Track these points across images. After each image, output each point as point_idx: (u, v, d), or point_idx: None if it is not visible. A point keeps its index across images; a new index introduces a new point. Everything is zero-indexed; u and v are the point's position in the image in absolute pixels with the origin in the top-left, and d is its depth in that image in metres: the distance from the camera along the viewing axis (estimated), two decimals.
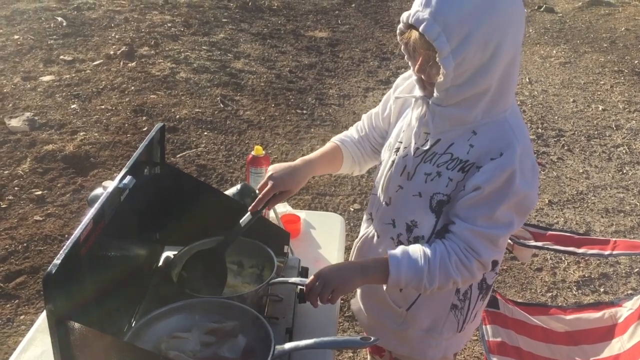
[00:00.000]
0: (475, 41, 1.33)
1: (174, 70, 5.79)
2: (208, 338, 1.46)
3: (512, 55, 1.40)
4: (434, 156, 1.52)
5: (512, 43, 1.38)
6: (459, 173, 1.48)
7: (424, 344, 1.73)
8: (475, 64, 1.37)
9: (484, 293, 1.71)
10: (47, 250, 3.39)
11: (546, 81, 6.36)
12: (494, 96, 1.43)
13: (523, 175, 1.42)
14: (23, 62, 5.73)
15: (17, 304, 3.05)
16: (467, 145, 1.47)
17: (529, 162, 1.45)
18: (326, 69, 6.29)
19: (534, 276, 3.46)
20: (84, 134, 4.57)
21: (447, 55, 1.34)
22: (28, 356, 1.57)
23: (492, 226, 1.45)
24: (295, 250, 1.98)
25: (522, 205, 1.46)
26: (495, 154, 1.42)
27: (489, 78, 1.39)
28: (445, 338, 1.72)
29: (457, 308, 1.67)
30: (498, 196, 1.42)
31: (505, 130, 1.45)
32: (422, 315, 1.68)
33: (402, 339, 1.75)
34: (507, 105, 1.47)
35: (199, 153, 4.51)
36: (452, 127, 1.49)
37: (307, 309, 1.74)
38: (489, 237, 1.45)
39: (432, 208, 1.53)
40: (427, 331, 1.70)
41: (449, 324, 1.69)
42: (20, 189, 3.92)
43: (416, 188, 1.55)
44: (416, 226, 1.58)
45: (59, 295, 1.11)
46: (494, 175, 1.41)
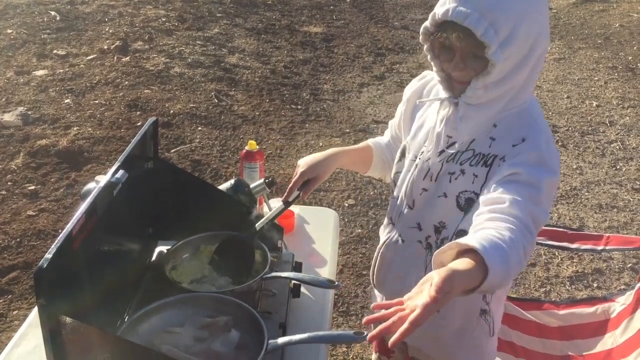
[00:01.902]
0: (521, 34, 1.33)
1: (168, 65, 5.77)
2: (201, 333, 1.45)
3: (544, 47, 1.40)
4: (456, 155, 1.50)
5: (546, 35, 1.39)
6: (483, 168, 1.44)
7: (456, 347, 1.67)
8: (517, 59, 1.36)
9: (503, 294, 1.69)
10: (41, 246, 3.38)
11: (540, 77, 6.36)
12: (519, 90, 1.42)
13: (552, 158, 1.38)
14: (16, 57, 5.70)
15: (10, 299, 3.04)
16: (488, 139, 1.45)
17: (553, 149, 1.41)
18: (321, 64, 6.28)
19: (527, 271, 3.47)
20: (77, 129, 4.55)
21: (496, 50, 1.32)
22: (20, 351, 1.57)
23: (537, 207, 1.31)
24: (289, 245, 1.98)
25: (553, 191, 1.41)
26: (517, 140, 1.39)
27: (523, 72, 1.39)
28: (478, 343, 1.66)
29: (486, 313, 1.61)
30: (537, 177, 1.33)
31: (526, 119, 1.43)
32: (454, 315, 1.61)
33: (435, 340, 1.68)
34: (527, 96, 1.46)
35: (193, 148, 4.50)
36: (476, 124, 1.46)
37: (301, 304, 1.74)
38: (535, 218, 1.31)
39: (460, 207, 1.49)
40: (458, 333, 1.64)
41: (480, 327, 1.62)
42: (13, 183, 3.90)
43: (441, 189, 1.52)
44: (445, 227, 1.55)
45: (50, 289, 1.10)
46: (524, 159, 1.36)
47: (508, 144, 1.41)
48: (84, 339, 1.18)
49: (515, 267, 1.23)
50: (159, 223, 1.82)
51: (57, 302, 1.12)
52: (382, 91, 5.73)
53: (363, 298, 3.20)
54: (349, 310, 3.14)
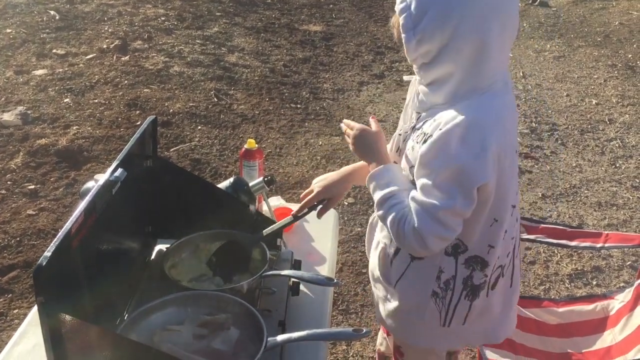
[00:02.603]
0: (433, 18, 1.41)
1: (168, 64, 5.77)
2: (200, 331, 1.46)
3: (478, 42, 1.40)
4: (414, 132, 1.59)
5: (475, 28, 1.39)
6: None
7: (406, 327, 1.74)
8: (436, 43, 1.43)
9: (469, 292, 1.64)
10: (41, 245, 3.38)
11: (540, 75, 6.36)
12: (462, 80, 1.45)
13: (464, 143, 1.40)
14: (15, 56, 5.70)
15: (10, 298, 3.04)
16: (432, 120, 1.50)
17: (477, 137, 1.41)
18: (320, 63, 6.28)
19: (526, 269, 3.47)
20: (77, 128, 4.55)
21: (409, 30, 1.45)
22: (20, 349, 1.57)
23: (431, 196, 1.44)
24: (288, 243, 1.98)
25: (462, 178, 1.42)
26: (444, 124, 1.43)
27: (452, 60, 1.44)
28: (429, 328, 1.69)
29: (438, 296, 1.64)
30: (436, 162, 1.43)
31: (465, 106, 1.45)
32: (407, 293, 1.67)
33: (393, 319, 1.75)
34: (481, 88, 1.47)
35: (193, 147, 4.50)
36: (431, 106, 1.55)
37: (300, 302, 1.75)
38: (427, 207, 1.44)
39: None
40: (409, 313, 1.69)
41: (431, 311, 1.65)
42: (13, 183, 3.91)
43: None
44: None
45: (49, 287, 1.11)
46: (434, 141, 1.43)
47: (438, 126, 1.45)
48: (84, 336, 1.19)
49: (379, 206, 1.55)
50: (158, 221, 1.83)
51: (56, 300, 1.13)
52: (381, 90, 5.73)
53: (363, 296, 3.21)
54: (348, 308, 3.14)
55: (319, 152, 4.58)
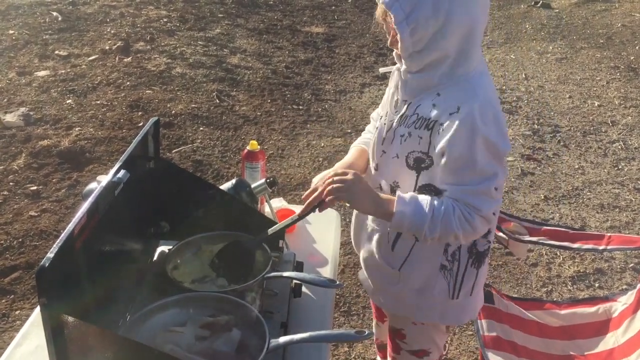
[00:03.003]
0: (425, 6, 1.47)
1: (170, 65, 5.77)
2: (203, 332, 1.46)
3: (468, 24, 1.51)
4: (405, 119, 1.63)
5: (466, 11, 1.50)
6: (425, 130, 1.57)
7: (414, 304, 1.78)
8: (430, 30, 1.49)
9: (475, 259, 1.73)
10: (43, 246, 3.38)
11: (542, 77, 6.36)
12: (454, 62, 1.54)
13: (486, 124, 1.50)
14: (18, 57, 5.71)
15: (12, 299, 3.05)
16: (431, 105, 1.57)
17: (490, 112, 1.53)
18: (322, 64, 6.28)
19: (529, 271, 3.47)
20: (79, 129, 4.55)
21: (401, 21, 1.48)
22: (23, 350, 1.57)
23: (481, 180, 1.52)
24: (290, 244, 1.98)
25: (496, 154, 1.53)
26: (453, 108, 1.52)
27: (446, 44, 1.51)
28: (439, 302, 1.75)
29: (446, 269, 1.71)
30: (469, 151, 1.50)
31: (464, 88, 1.55)
32: (414, 274, 1.73)
33: (398, 299, 1.81)
34: (470, 69, 1.57)
35: (195, 148, 4.51)
36: (420, 92, 1.60)
37: (302, 304, 1.75)
38: (483, 191, 1.53)
39: (409, 166, 1.63)
40: (419, 291, 1.75)
41: (440, 285, 1.73)
42: (15, 184, 3.91)
43: (394, 150, 1.66)
44: (398, 186, 1.68)
45: (52, 288, 1.11)
46: (455, 133, 1.50)
47: (446, 111, 1.53)
48: (86, 338, 1.19)
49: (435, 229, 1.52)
50: (160, 223, 1.82)
51: (59, 301, 1.12)
52: (383, 91, 5.73)
53: (364, 298, 3.20)
54: (350, 310, 3.14)
55: (321, 154, 4.58)
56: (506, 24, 7.93)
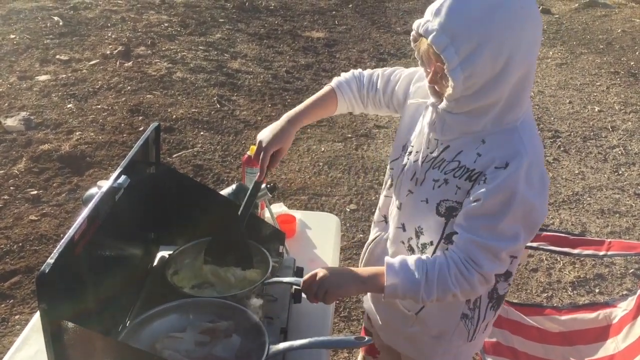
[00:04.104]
0: (485, 54, 1.31)
1: (171, 70, 5.78)
2: (202, 338, 1.46)
3: (526, 69, 1.37)
4: (442, 163, 1.50)
5: (525, 57, 1.35)
6: (467, 182, 1.45)
7: (433, 349, 1.71)
8: (486, 77, 1.35)
9: (495, 303, 1.66)
10: (43, 250, 3.38)
11: (542, 82, 6.37)
12: (504, 107, 1.40)
13: (530, 186, 1.38)
14: (19, 62, 5.72)
15: (12, 304, 3.04)
16: (475, 154, 1.44)
17: (537, 173, 1.41)
18: (323, 69, 6.29)
19: (529, 277, 3.47)
20: (80, 134, 4.56)
21: (455, 67, 1.33)
22: (22, 355, 1.57)
23: (495, 238, 1.40)
24: (290, 250, 1.98)
25: (529, 218, 1.41)
26: (501, 163, 1.39)
27: (500, 90, 1.37)
28: (455, 346, 1.69)
29: (467, 317, 1.64)
30: (500, 208, 1.38)
31: (513, 140, 1.41)
32: (432, 321, 1.66)
33: (411, 342, 1.73)
34: (519, 115, 1.44)
35: (195, 153, 4.51)
36: (460, 135, 1.47)
37: (302, 309, 1.74)
38: (491, 249, 1.41)
39: (439, 213, 1.51)
40: (436, 337, 1.68)
41: (459, 332, 1.66)
42: (15, 188, 3.91)
43: (424, 194, 1.54)
44: (422, 233, 1.57)
45: (52, 294, 1.11)
46: (496, 187, 1.38)
47: (492, 164, 1.40)
48: (86, 343, 1.19)
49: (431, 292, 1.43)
50: (160, 228, 1.82)
51: (59, 306, 1.13)
52: None
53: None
54: (350, 315, 3.14)
55: (321, 159, 4.59)
56: None
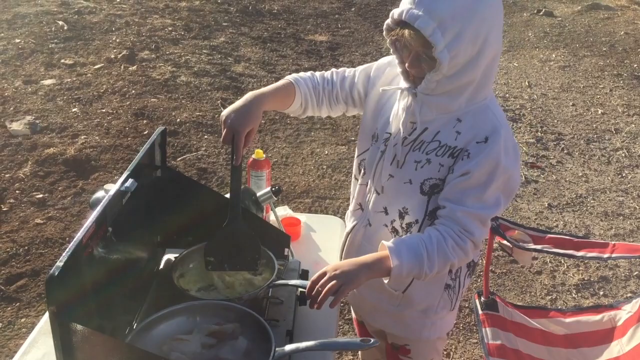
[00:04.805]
0: (467, 35, 1.43)
1: (175, 73, 5.81)
2: (209, 340, 1.47)
3: (496, 49, 1.51)
4: (422, 144, 1.60)
5: (496, 38, 1.50)
6: (449, 159, 1.56)
7: (419, 324, 1.79)
8: (467, 57, 1.47)
9: (471, 270, 1.81)
10: (48, 254, 3.40)
11: (545, 85, 6.38)
12: (478, 86, 1.53)
13: (507, 156, 1.52)
14: (24, 66, 5.75)
15: (18, 307, 3.06)
16: (454, 132, 1.56)
17: (511, 144, 1.55)
18: None
19: (533, 279, 3.47)
20: (85, 138, 4.58)
21: (442, 49, 1.43)
22: (30, 358, 1.58)
23: (483, 207, 1.53)
24: (295, 253, 1.99)
25: (508, 185, 1.55)
26: (481, 138, 1.52)
27: (476, 70, 1.50)
28: (440, 317, 1.80)
29: (450, 287, 1.75)
30: (486, 179, 1.51)
31: (488, 116, 1.55)
32: (418, 296, 1.73)
33: (398, 321, 1.81)
34: (488, 93, 1.58)
35: (200, 156, 4.53)
36: (437, 116, 1.57)
37: (308, 312, 1.75)
38: (480, 217, 1.54)
39: (423, 192, 1.61)
40: (423, 312, 1.77)
41: (443, 303, 1.76)
42: (21, 192, 3.93)
43: (407, 175, 1.62)
44: (407, 212, 1.65)
45: (61, 297, 1.12)
46: (481, 160, 1.51)
47: (473, 139, 1.53)
48: (94, 345, 1.20)
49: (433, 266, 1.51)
50: (166, 231, 1.84)
51: (67, 308, 1.14)
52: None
53: None
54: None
55: (325, 161, 4.60)
56: (509, 32, 7.95)
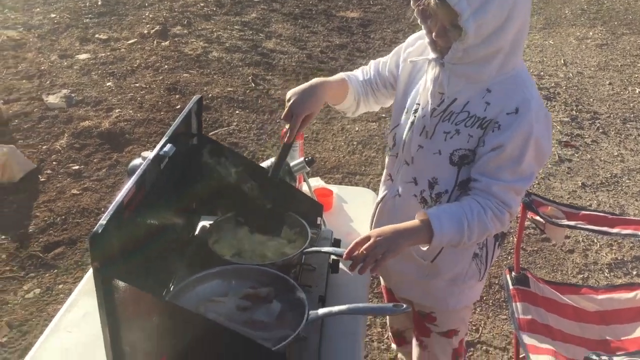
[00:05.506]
0: (493, 3, 1.41)
1: (207, 49, 5.84)
2: (244, 303, 1.49)
3: (524, 18, 1.49)
4: (451, 115, 1.59)
5: (524, 6, 1.47)
6: (478, 130, 1.55)
7: (447, 293, 1.80)
8: (493, 26, 1.45)
9: (501, 241, 1.79)
10: (85, 223, 3.49)
11: (582, 63, 6.24)
12: (507, 54, 1.51)
13: (539, 125, 1.51)
14: (60, 41, 5.84)
15: (55, 274, 3.15)
16: (483, 102, 1.54)
17: (542, 112, 1.53)
18: (357, 49, 6.27)
19: (565, 258, 3.44)
20: (119, 111, 4.65)
21: (468, 18, 1.41)
22: (71, 317, 1.64)
23: (519, 179, 1.53)
24: (327, 223, 2.00)
25: (540, 154, 1.54)
26: (511, 109, 1.50)
27: (503, 38, 1.47)
28: (468, 286, 1.80)
29: (478, 257, 1.75)
30: (520, 151, 1.50)
31: (518, 86, 1.53)
32: (446, 266, 1.74)
33: (426, 290, 1.81)
34: (517, 62, 1.55)
35: (231, 131, 4.56)
36: (466, 86, 1.56)
37: (339, 279, 1.78)
38: (516, 189, 1.54)
39: (452, 162, 1.60)
40: (450, 281, 1.77)
41: (472, 272, 1.76)
42: (58, 163, 4.03)
43: (436, 146, 1.62)
44: (437, 182, 1.64)
45: (104, 253, 1.15)
46: (514, 133, 1.49)
47: (503, 111, 1.51)
48: (135, 302, 1.23)
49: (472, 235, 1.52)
50: (201, 198, 1.87)
51: (110, 265, 1.17)
52: None
53: None
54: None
55: (355, 138, 4.59)
56: (545, 9, 7.78)
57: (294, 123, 1.65)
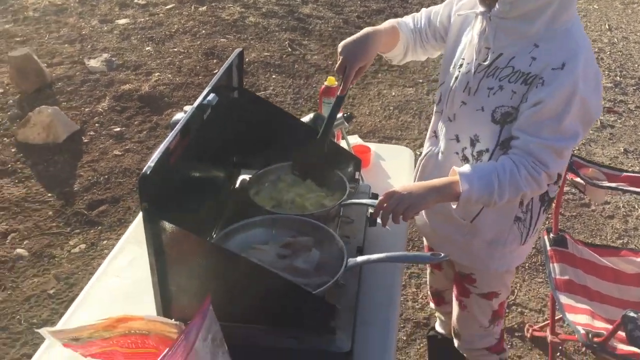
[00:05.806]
0: None
1: (243, 14, 5.84)
2: (284, 251, 1.53)
3: None
4: (495, 70, 1.55)
5: None
6: (522, 85, 1.50)
7: (487, 255, 1.78)
8: None
9: (547, 205, 1.72)
10: (127, 182, 3.58)
11: (627, 28, 6.04)
12: (556, 9, 1.45)
13: (586, 83, 1.44)
14: (100, 6, 5.91)
15: (100, 230, 3.26)
16: (529, 58, 1.49)
17: (592, 70, 1.47)
18: (395, 14, 6.18)
19: (604, 223, 3.39)
20: (158, 75, 4.72)
21: None
22: (119, 263, 1.70)
23: (559, 138, 1.47)
24: (365, 179, 2.02)
25: (587, 115, 1.48)
26: (557, 64, 1.44)
27: None
28: (510, 250, 1.76)
29: (520, 220, 1.70)
30: (562, 108, 1.44)
31: (567, 41, 1.47)
32: (486, 227, 1.72)
33: (466, 251, 1.80)
34: (570, 17, 1.49)
35: (268, 95, 4.59)
36: (513, 41, 1.51)
37: (377, 232, 1.79)
38: (556, 149, 1.48)
39: (495, 120, 1.56)
40: (490, 243, 1.74)
41: (513, 236, 1.72)
42: (100, 125, 4.12)
43: (479, 102, 1.59)
44: (478, 140, 1.62)
45: (153, 194, 1.19)
46: (556, 88, 1.43)
47: (548, 66, 1.45)
48: (181, 244, 1.28)
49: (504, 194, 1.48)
50: (242, 151, 1.90)
51: (158, 206, 1.21)
52: None
53: None
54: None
55: (391, 103, 4.57)
56: None
57: (347, 74, 1.65)
